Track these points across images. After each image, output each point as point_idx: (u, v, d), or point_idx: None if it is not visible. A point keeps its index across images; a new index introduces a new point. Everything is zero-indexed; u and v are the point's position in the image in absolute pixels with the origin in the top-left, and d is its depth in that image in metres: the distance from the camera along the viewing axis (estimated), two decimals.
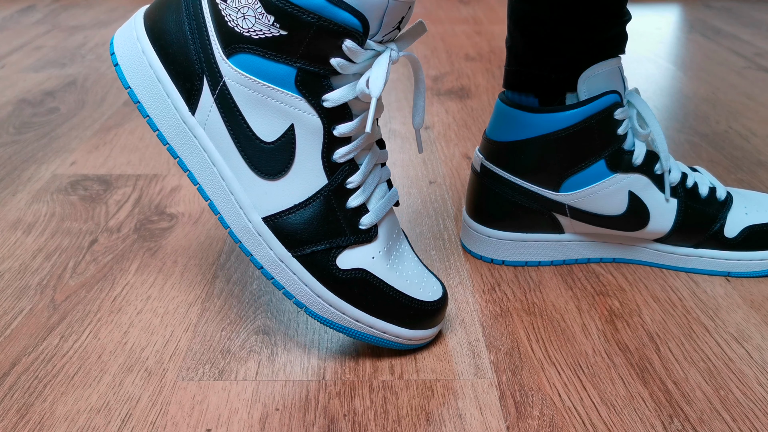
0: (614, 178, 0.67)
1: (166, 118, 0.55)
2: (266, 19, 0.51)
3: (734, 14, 1.88)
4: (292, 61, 0.51)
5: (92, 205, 0.84)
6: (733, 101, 1.21)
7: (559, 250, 0.72)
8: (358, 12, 0.50)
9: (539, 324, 0.62)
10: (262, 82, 0.52)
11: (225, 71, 0.53)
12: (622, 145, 0.67)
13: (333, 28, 0.50)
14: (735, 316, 0.64)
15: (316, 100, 0.52)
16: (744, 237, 0.69)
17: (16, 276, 0.69)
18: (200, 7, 0.54)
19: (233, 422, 0.51)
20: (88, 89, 1.26)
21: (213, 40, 0.53)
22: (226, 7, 0.52)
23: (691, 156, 0.98)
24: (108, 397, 0.54)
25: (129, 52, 0.56)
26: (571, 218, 0.69)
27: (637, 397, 0.54)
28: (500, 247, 0.71)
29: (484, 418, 0.52)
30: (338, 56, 0.51)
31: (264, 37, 0.51)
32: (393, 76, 1.35)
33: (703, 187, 0.70)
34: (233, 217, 0.55)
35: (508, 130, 0.68)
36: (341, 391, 0.54)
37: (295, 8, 0.50)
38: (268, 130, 0.53)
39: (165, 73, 0.55)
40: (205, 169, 0.55)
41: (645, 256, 0.72)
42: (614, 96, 0.66)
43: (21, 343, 0.60)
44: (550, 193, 0.69)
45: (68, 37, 1.63)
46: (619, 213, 0.68)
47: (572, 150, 0.67)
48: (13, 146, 1.01)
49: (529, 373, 0.56)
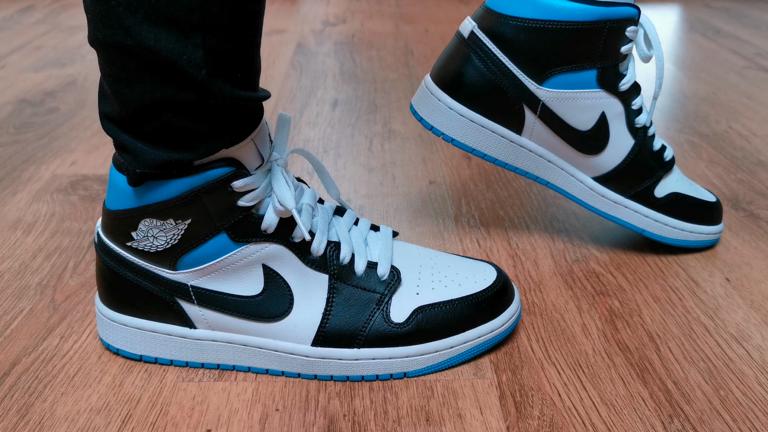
0: (598, 93, 0.67)
1: (182, 349, 0.57)
2: (168, 225, 0.52)
3: (734, 14, 1.88)
4: (216, 231, 0.53)
5: (92, 205, 0.84)
6: (733, 101, 1.21)
7: (508, 151, 0.70)
8: (224, 160, 0.51)
9: (539, 324, 0.62)
10: (212, 263, 0.53)
11: (183, 279, 0.54)
12: (619, 65, 0.67)
13: (216, 185, 0.51)
14: (735, 316, 0.64)
15: (259, 235, 0.53)
16: (668, 200, 0.72)
17: (16, 276, 0.69)
18: (123, 258, 0.55)
19: (233, 423, 0.51)
20: (88, 89, 1.26)
21: (153, 269, 0.55)
22: (138, 242, 0.54)
23: (691, 156, 0.98)
24: (108, 397, 0.54)
25: (116, 335, 0.57)
26: (538, 117, 0.68)
27: (637, 397, 0.54)
28: (456, 123, 0.68)
29: (484, 418, 0.52)
30: (240, 197, 0.52)
31: (181, 237, 0.53)
32: (393, 76, 1.35)
33: (657, 142, 0.72)
34: (292, 364, 0.56)
35: (514, 4, 0.66)
36: (341, 391, 0.54)
37: (178, 200, 0.51)
38: (252, 286, 0.55)
39: (151, 322, 0.56)
40: (241, 353, 0.56)
41: (578, 191, 0.72)
42: (634, 10, 0.66)
43: (21, 343, 0.60)
44: (532, 83, 0.66)
45: (68, 37, 1.63)
46: (585, 129, 0.69)
47: (573, 47, 0.65)
48: (13, 146, 1.01)
49: (529, 373, 0.56)
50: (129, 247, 0.54)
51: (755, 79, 1.34)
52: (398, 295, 0.56)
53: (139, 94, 0.48)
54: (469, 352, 0.57)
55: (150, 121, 0.49)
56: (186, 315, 0.55)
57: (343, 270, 0.55)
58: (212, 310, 0.55)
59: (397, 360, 0.55)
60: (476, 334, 0.57)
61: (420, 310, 0.56)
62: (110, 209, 0.54)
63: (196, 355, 0.57)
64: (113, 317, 0.57)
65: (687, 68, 1.41)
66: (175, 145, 0.50)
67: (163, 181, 0.51)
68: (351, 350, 0.55)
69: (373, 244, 0.58)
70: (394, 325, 0.55)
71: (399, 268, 0.57)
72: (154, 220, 0.52)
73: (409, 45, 1.58)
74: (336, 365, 0.55)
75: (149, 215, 0.52)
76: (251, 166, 0.53)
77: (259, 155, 0.53)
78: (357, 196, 0.86)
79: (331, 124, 1.10)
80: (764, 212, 0.83)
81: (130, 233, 0.53)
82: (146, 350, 0.57)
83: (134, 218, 0.53)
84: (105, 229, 0.55)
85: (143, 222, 0.52)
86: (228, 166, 0.51)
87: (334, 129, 1.08)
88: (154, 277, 0.55)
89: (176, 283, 0.54)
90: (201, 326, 0.56)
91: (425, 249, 0.61)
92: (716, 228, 0.75)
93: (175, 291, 0.55)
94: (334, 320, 0.55)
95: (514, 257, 0.73)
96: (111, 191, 0.54)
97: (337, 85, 1.30)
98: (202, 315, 0.55)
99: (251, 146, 0.53)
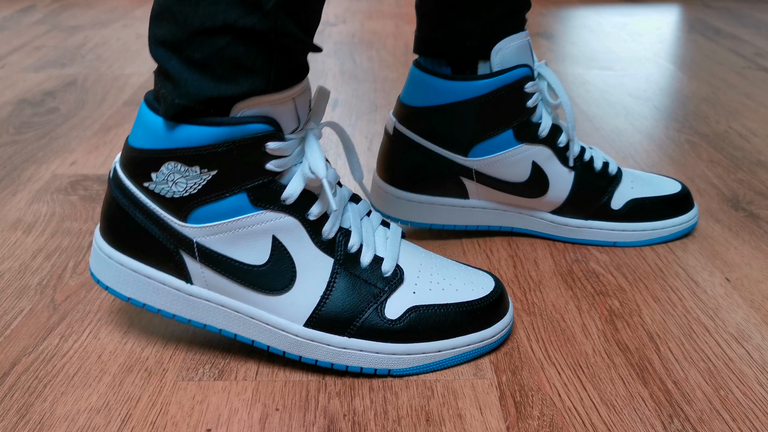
0: (520, 148, 0.71)
1: (173, 302, 0.56)
2: (192, 172, 0.52)
3: (734, 14, 1.88)
4: (237, 189, 0.52)
5: (92, 205, 0.84)
6: (733, 101, 1.21)
7: (463, 215, 0.74)
8: (263, 117, 0.51)
9: (539, 324, 0.62)
10: (225, 222, 0.53)
11: (191, 234, 0.54)
12: (531, 117, 0.70)
13: (250, 142, 0.51)
14: (735, 316, 0.64)
15: (278, 204, 0.53)
16: (628, 209, 0.74)
17: (16, 276, 0.69)
18: (136, 198, 0.54)
19: (233, 422, 0.51)
20: (88, 89, 1.26)
21: (164, 216, 0.54)
22: (156, 184, 0.53)
23: (691, 156, 0.98)
24: (108, 397, 0.54)
25: (109, 270, 0.57)
26: (477, 182, 0.72)
27: (637, 397, 0.54)
28: (409, 208, 0.74)
29: (484, 418, 0.52)
30: (270, 160, 0.52)
31: (201, 187, 0.52)
32: (393, 76, 1.35)
33: (598, 162, 0.74)
34: (280, 340, 0.56)
35: (422, 96, 0.70)
36: (341, 391, 0.54)
37: (209, 148, 0.51)
38: (257, 255, 0.54)
39: (148, 268, 0.56)
40: (231, 319, 0.56)
41: (540, 227, 0.76)
42: (525, 69, 0.69)
43: (21, 343, 0.60)
44: (459, 157, 0.71)
45: (68, 37, 1.63)
46: (522, 180, 0.72)
47: (483, 118, 0.70)
48: (13, 146, 1.01)
49: (529, 373, 0.56)
50: (145, 188, 0.53)
51: (755, 79, 1.34)
52: (397, 293, 0.56)
53: (201, 15, 0.48)
54: (455, 358, 0.57)
55: (204, 46, 0.49)
56: (186, 269, 0.55)
57: (349, 258, 0.55)
58: (213, 271, 0.54)
59: (383, 356, 0.55)
60: (466, 342, 0.57)
61: (414, 310, 0.56)
62: (134, 146, 0.53)
63: (186, 310, 0.56)
64: (111, 254, 0.56)
65: (687, 68, 1.41)
66: (221, 76, 0.49)
67: (199, 127, 0.50)
68: (341, 338, 0.55)
69: (380, 239, 0.58)
70: (386, 321, 0.55)
71: (402, 267, 0.57)
72: (179, 164, 0.51)
73: (409, 45, 1.58)
74: (324, 350, 0.55)
75: (176, 159, 0.51)
76: (288, 128, 0.53)
77: (296, 118, 0.53)
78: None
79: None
80: (764, 212, 0.83)
81: (150, 174, 0.53)
82: (137, 294, 0.56)
83: (159, 159, 0.52)
84: (124, 165, 0.54)
85: (167, 165, 0.52)
86: (267, 124, 0.51)
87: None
88: (163, 225, 0.54)
89: (183, 236, 0.54)
90: (198, 283, 0.55)
91: (429, 252, 0.61)
92: (687, 216, 0.76)
93: (180, 243, 0.54)
94: (331, 305, 0.55)
95: (514, 257, 0.73)
96: (139, 128, 0.53)
97: (337, 85, 1.30)
98: (202, 273, 0.55)
99: (291, 106, 0.52)
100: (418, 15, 0.72)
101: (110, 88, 1.27)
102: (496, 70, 0.69)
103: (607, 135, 1.06)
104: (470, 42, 0.69)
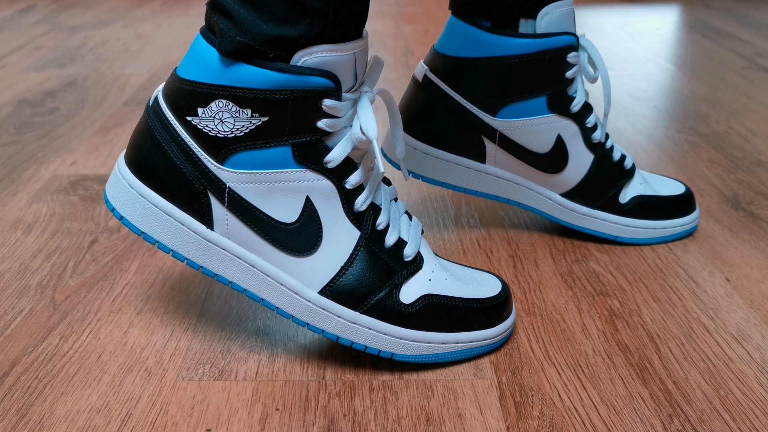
0: (550, 118, 0.70)
1: (189, 245, 0.54)
2: (243, 114, 0.50)
3: (734, 14, 1.88)
4: (283, 141, 0.52)
5: (92, 205, 0.84)
6: (733, 101, 1.21)
7: (476, 180, 0.74)
8: (325, 72, 0.50)
9: (539, 324, 0.62)
10: (263, 172, 0.52)
11: (225, 177, 0.52)
12: (567, 89, 0.70)
13: (308, 95, 0.50)
14: (735, 316, 0.64)
15: (320, 165, 0.53)
16: (634, 204, 0.74)
17: (16, 276, 0.69)
18: (174, 131, 0.53)
19: (233, 422, 0.51)
20: (88, 89, 1.26)
21: (201, 154, 0.52)
22: (200, 120, 0.51)
23: (691, 156, 0.98)
24: (108, 397, 0.54)
25: (128, 201, 0.55)
26: (498, 146, 0.71)
27: (637, 397, 0.54)
28: (423, 161, 0.73)
29: (484, 418, 0.52)
30: (323, 117, 0.52)
31: (249, 131, 0.51)
32: (393, 76, 1.35)
33: (617, 153, 0.75)
34: (291, 304, 0.55)
35: (460, 46, 0.69)
36: (341, 391, 0.54)
37: (267, 93, 0.50)
38: (288, 212, 0.53)
39: (170, 205, 0.54)
40: (246, 273, 0.55)
41: (548, 207, 0.75)
42: (571, 38, 0.68)
43: (21, 343, 0.60)
44: (487, 116, 0.70)
45: (68, 37, 1.63)
46: (544, 152, 0.71)
47: (520, 78, 0.69)
48: (13, 146, 1.01)
49: (529, 373, 0.56)
50: (188, 122, 0.52)
51: (755, 79, 1.34)
52: (414, 279, 0.56)
53: None
54: (457, 353, 0.57)
55: None
56: (210, 213, 0.53)
57: (376, 235, 0.55)
58: (240, 219, 0.53)
59: (390, 338, 0.55)
60: (469, 338, 0.57)
61: (427, 297, 0.56)
62: (185, 78, 0.51)
63: (200, 256, 0.54)
64: (132, 183, 0.54)
65: (687, 68, 1.41)
66: (278, 16, 0.48)
67: (260, 69, 0.49)
68: (353, 312, 0.55)
69: (405, 225, 0.58)
70: (400, 304, 0.55)
71: (423, 255, 0.57)
72: (231, 103, 0.50)
73: (409, 45, 1.58)
74: (333, 321, 0.55)
75: (229, 97, 0.50)
76: (345, 84, 0.52)
77: (354, 74, 0.53)
78: None
79: None
80: (764, 212, 0.83)
81: (197, 108, 0.51)
82: (152, 230, 0.54)
83: (211, 95, 0.50)
84: (169, 95, 0.53)
85: (217, 101, 0.50)
86: (328, 79, 0.50)
87: None
88: (198, 163, 0.52)
89: (217, 179, 0.52)
90: (219, 230, 0.54)
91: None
92: (689, 218, 0.76)
93: (211, 185, 0.53)
94: (349, 277, 0.54)
95: (514, 257, 0.73)
96: (192, 59, 0.51)
97: None
98: (226, 220, 0.53)
99: (351, 61, 0.52)
100: None
101: (110, 88, 1.27)
102: (540, 32, 0.67)
103: None
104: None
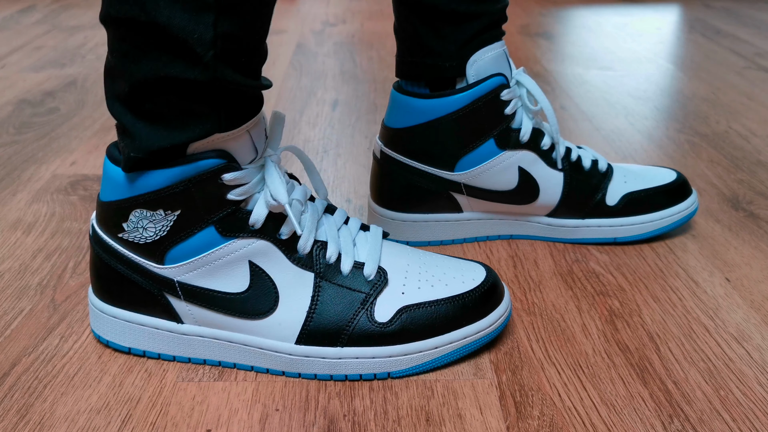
0: (504, 155, 0.71)
1: (169, 343, 0.57)
2: (158, 215, 0.53)
3: (734, 14, 1.88)
4: (204, 224, 0.53)
5: (92, 205, 0.84)
6: (733, 101, 1.21)
7: (460, 229, 0.75)
8: (213, 151, 0.52)
9: (539, 324, 0.62)
10: (199, 257, 0.54)
11: (170, 274, 0.55)
12: (510, 124, 0.71)
13: (205, 177, 0.52)
14: (735, 316, 0.64)
15: (247, 230, 0.54)
16: (624, 204, 0.74)
17: (16, 276, 0.69)
18: (114, 250, 0.56)
19: (233, 423, 0.51)
20: (88, 89, 1.26)
21: (142, 262, 0.55)
22: (128, 233, 0.54)
23: (691, 156, 0.98)
24: (108, 397, 0.54)
25: (106, 325, 0.58)
26: (467, 196, 0.73)
27: (637, 397, 0.54)
28: (405, 228, 0.75)
29: (484, 418, 0.52)
30: (230, 190, 0.52)
31: (169, 228, 0.53)
32: (392, 76, 1.35)
33: (586, 160, 0.74)
34: (276, 361, 0.56)
35: (403, 117, 0.71)
36: (341, 391, 0.54)
37: (168, 189, 0.52)
38: (238, 282, 0.55)
39: (138, 315, 0.57)
40: (226, 350, 0.57)
41: (537, 230, 0.76)
42: (500, 78, 0.69)
43: (21, 343, 0.60)
44: (446, 173, 0.72)
45: (68, 37, 1.63)
46: (511, 188, 0.72)
47: (463, 131, 0.70)
48: (13, 146, 1.01)
49: (529, 373, 0.56)
50: (120, 238, 0.55)
51: (755, 79, 1.34)
52: (384, 295, 0.56)
53: (144, 70, 0.49)
54: (454, 352, 0.57)
55: (152, 98, 0.50)
56: (173, 310, 0.56)
57: (329, 269, 0.56)
58: (198, 306, 0.55)
59: (380, 360, 0.55)
60: (462, 335, 0.57)
61: (405, 310, 0.56)
62: (103, 201, 0.55)
63: (183, 349, 0.57)
64: (104, 309, 0.58)
65: (687, 68, 1.41)
66: (173, 125, 0.50)
67: (155, 171, 0.52)
68: (334, 349, 0.55)
69: (361, 244, 0.58)
70: (378, 324, 0.55)
71: (386, 268, 0.57)
72: (144, 210, 0.53)
73: None
74: (320, 364, 0.55)
75: (140, 205, 0.53)
76: (245, 159, 0.53)
77: (253, 148, 0.54)
78: (357, 196, 0.86)
79: (331, 124, 1.10)
80: (764, 212, 0.83)
81: (122, 224, 0.54)
82: (135, 343, 0.57)
83: (126, 208, 0.53)
84: (99, 221, 0.56)
85: (134, 212, 0.53)
86: (220, 158, 0.52)
87: (334, 129, 1.08)
88: (143, 271, 0.55)
89: (164, 278, 0.55)
90: (188, 321, 0.56)
91: (415, 249, 0.61)
92: (686, 203, 0.76)
93: (163, 285, 0.55)
94: (319, 319, 0.55)
95: (514, 257, 0.73)
96: (105, 182, 0.54)
97: (337, 86, 1.30)
98: (189, 311, 0.56)
99: (246, 138, 0.53)
100: (397, 40, 0.73)
101: None
102: (471, 82, 0.69)
103: (607, 135, 1.06)
104: (449, 62, 0.69)
